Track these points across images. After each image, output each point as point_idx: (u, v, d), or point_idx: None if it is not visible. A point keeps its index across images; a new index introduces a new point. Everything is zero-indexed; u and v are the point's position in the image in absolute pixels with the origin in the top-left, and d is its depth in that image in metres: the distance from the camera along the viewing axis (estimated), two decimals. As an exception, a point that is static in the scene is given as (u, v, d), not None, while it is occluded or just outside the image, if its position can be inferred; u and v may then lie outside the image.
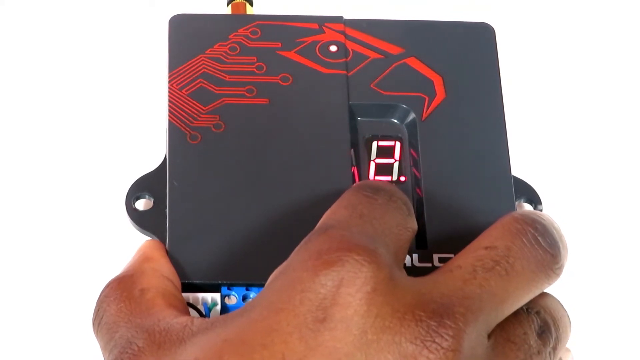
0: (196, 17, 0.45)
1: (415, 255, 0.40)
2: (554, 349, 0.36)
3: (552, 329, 0.36)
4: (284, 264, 0.35)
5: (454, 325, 0.33)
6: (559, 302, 0.37)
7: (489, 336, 0.34)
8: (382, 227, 0.36)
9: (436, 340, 0.33)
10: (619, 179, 0.51)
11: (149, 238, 0.41)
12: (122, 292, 0.37)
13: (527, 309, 0.36)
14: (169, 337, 0.35)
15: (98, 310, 0.37)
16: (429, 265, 0.40)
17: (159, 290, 0.38)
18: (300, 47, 0.44)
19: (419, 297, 0.34)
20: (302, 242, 0.35)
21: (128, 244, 0.41)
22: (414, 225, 0.37)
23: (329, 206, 0.37)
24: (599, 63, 0.54)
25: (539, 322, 0.36)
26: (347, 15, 0.45)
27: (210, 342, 0.34)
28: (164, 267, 0.39)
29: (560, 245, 0.36)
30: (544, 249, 0.36)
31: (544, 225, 0.36)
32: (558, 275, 0.36)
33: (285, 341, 0.33)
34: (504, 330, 0.35)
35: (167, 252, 0.40)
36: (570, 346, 0.38)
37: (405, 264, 0.38)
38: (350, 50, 0.44)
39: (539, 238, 0.36)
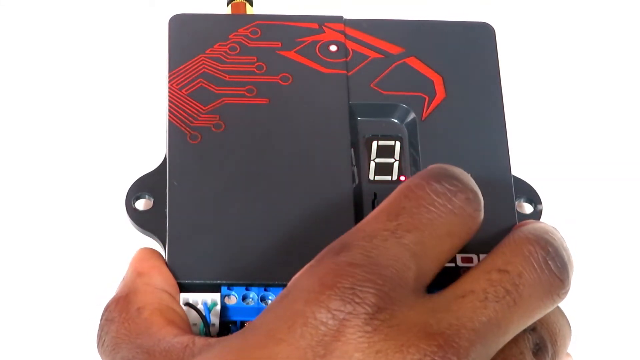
0: (196, 17, 0.45)
1: None
2: None
3: (548, 345, 0.36)
4: (291, 283, 0.35)
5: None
6: (558, 311, 0.37)
7: None
8: (423, 241, 0.35)
9: None
10: (619, 179, 0.51)
11: (148, 239, 0.41)
12: (119, 313, 0.37)
13: None
14: (169, 357, 0.35)
15: (100, 333, 0.38)
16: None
17: (155, 306, 0.38)
18: (300, 47, 0.44)
19: (426, 329, 0.33)
20: (313, 261, 0.34)
21: (128, 244, 0.41)
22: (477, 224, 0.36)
23: (328, 206, 0.37)
24: (599, 63, 0.54)
25: (535, 339, 0.36)
26: (347, 15, 0.45)
27: None
28: (157, 279, 0.39)
29: (569, 268, 0.36)
30: (554, 274, 0.35)
31: (556, 247, 0.36)
32: (563, 299, 0.36)
33: None
34: (501, 351, 0.35)
35: (167, 252, 0.40)
36: (570, 350, 0.38)
37: None
38: (350, 50, 0.44)
39: (549, 262, 0.35)
